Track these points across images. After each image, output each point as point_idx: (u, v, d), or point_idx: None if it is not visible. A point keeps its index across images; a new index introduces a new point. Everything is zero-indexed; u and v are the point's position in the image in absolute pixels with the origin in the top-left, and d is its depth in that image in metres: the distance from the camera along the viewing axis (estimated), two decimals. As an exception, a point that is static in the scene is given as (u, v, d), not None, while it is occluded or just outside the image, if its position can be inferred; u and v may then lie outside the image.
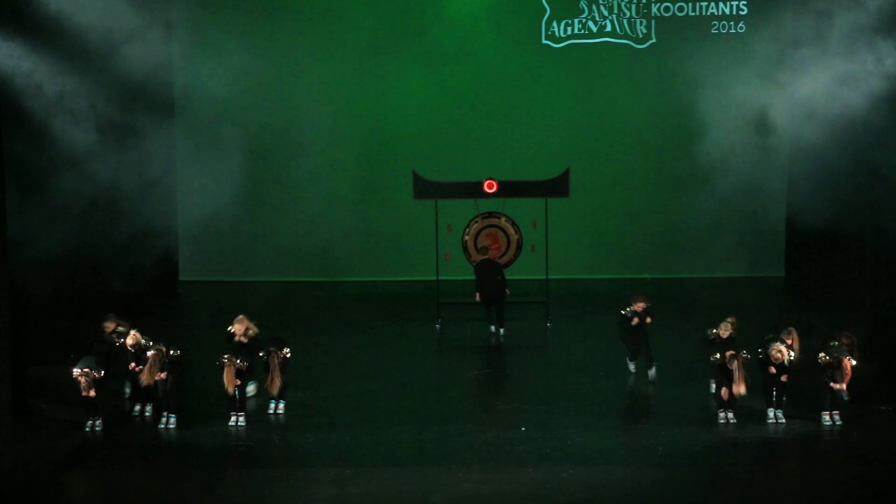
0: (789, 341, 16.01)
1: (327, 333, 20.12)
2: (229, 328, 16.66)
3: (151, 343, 15.65)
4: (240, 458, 14.59)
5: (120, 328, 16.50)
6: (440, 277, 20.89)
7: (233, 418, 15.61)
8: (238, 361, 15.49)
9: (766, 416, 15.52)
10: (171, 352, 15.59)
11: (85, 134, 18.69)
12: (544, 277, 20.74)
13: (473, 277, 20.77)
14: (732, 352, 15.49)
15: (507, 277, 20.53)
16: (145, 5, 21.39)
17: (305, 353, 18.00)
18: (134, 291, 19.80)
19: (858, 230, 19.31)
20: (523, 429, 15.38)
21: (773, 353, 15.43)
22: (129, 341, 15.93)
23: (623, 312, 17.55)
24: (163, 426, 15.53)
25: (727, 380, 15.40)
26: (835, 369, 15.24)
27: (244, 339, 16.51)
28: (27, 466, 14.23)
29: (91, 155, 18.86)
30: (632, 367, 17.74)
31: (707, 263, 22.90)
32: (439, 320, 20.74)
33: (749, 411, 15.67)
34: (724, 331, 16.28)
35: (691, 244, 23.48)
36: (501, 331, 20.25)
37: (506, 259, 21.23)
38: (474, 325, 20.94)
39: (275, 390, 15.89)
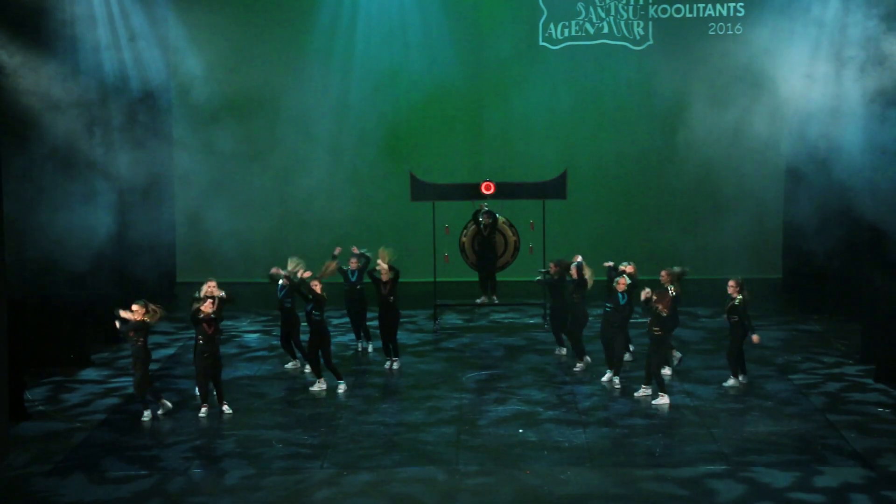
0: (629, 269, 17.49)
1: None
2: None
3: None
4: (238, 459, 14.58)
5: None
6: (438, 279, 20.89)
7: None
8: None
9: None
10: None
11: (82, 135, 18.67)
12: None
13: (471, 279, 20.72)
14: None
15: (506, 279, 20.49)
16: (144, 5, 21.42)
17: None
18: (131, 292, 19.77)
19: (856, 232, 19.30)
20: (521, 430, 15.39)
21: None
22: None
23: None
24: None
25: None
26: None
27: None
28: (23, 469, 14.22)
29: (88, 156, 18.85)
30: (562, 351, 18.83)
31: (705, 265, 22.85)
32: (437, 322, 20.74)
33: (748, 412, 15.71)
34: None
35: (689, 246, 23.45)
36: (495, 298, 21.06)
37: (504, 261, 21.26)
38: (472, 326, 20.98)
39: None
